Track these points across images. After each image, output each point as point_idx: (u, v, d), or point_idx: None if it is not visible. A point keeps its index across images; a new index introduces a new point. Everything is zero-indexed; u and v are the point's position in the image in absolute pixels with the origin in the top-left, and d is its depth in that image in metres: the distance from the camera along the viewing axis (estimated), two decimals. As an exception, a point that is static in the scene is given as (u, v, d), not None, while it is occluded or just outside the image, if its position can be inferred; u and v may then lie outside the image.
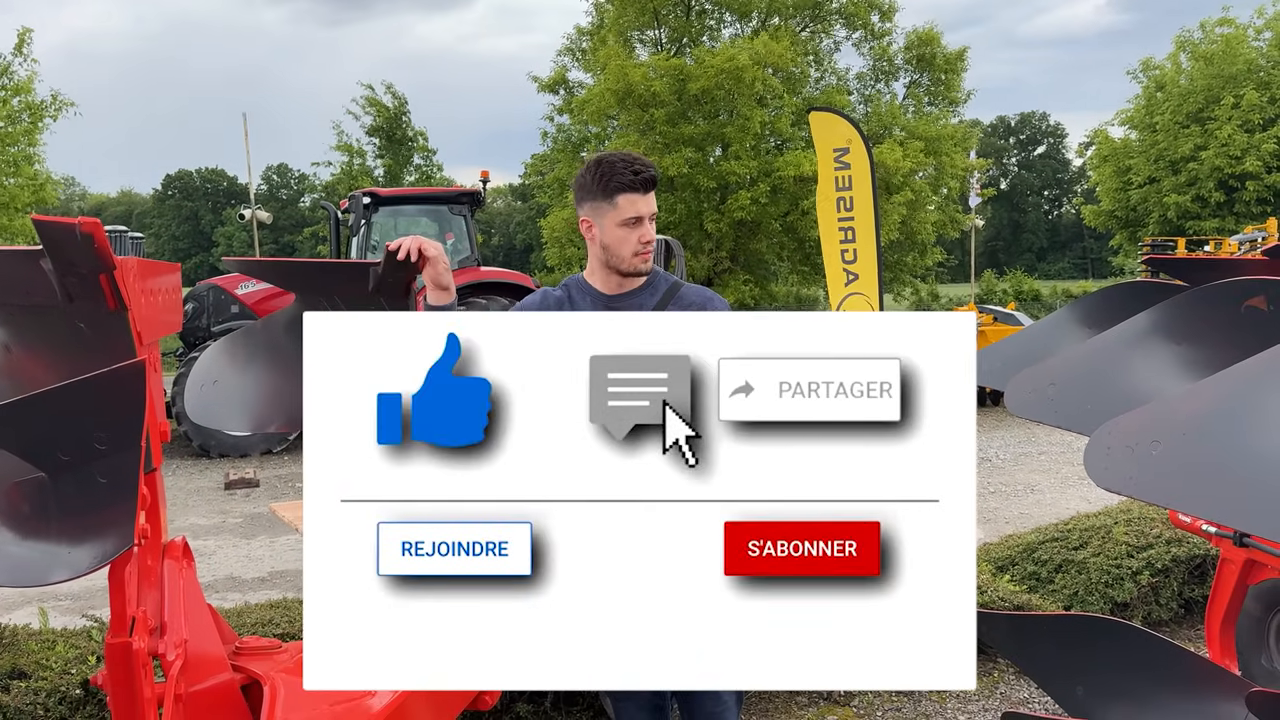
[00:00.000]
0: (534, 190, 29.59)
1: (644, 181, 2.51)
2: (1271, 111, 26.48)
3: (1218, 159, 26.50)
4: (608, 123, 21.79)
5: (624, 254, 2.56)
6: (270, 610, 4.01)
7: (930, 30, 22.86)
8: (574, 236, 22.34)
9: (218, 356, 2.89)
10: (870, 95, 23.54)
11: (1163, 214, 27.72)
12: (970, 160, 23.24)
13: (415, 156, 28.48)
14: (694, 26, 22.70)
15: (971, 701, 4.13)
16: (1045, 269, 70.50)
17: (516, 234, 69.89)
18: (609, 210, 2.53)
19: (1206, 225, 26.31)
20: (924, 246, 22.05)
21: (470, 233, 13.27)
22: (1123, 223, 30.00)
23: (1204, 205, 27.11)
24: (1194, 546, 4.81)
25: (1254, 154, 26.10)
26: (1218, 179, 26.76)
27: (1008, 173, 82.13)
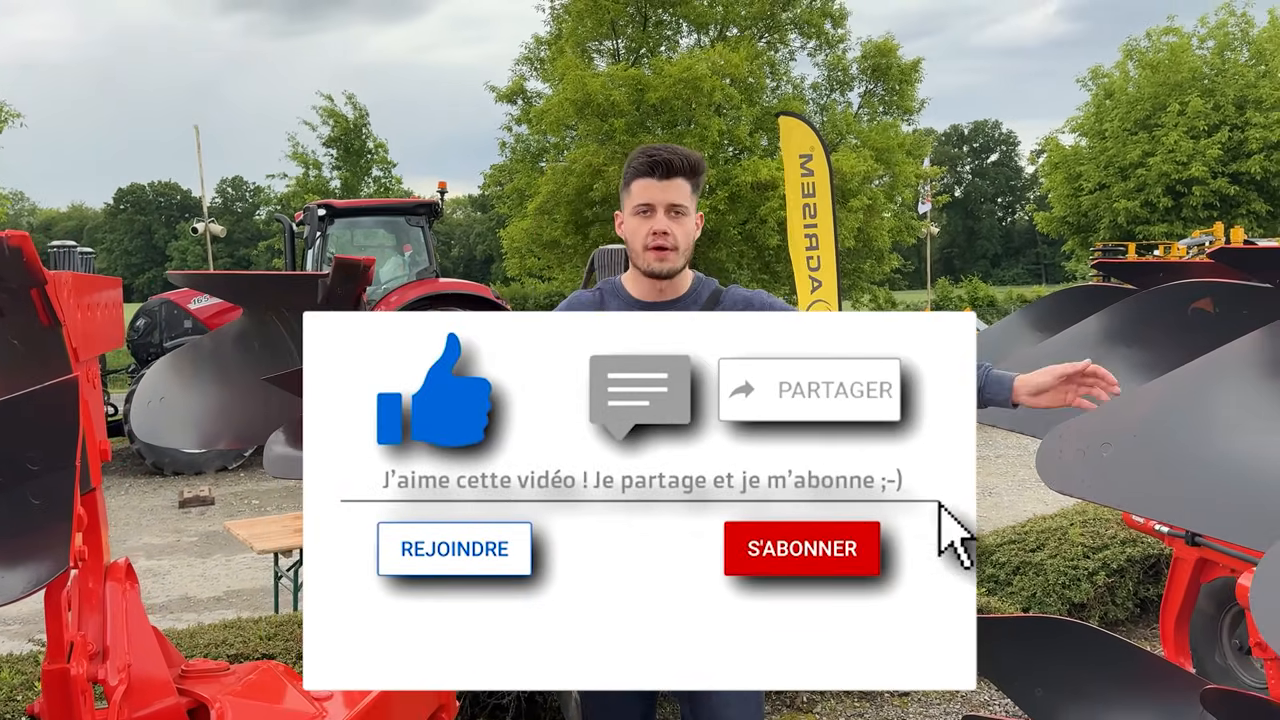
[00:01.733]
0: (493, 201, 29.47)
1: (657, 165, 2.25)
2: (1216, 118, 27.09)
3: (1165, 165, 27.05)
4: (566, 133, 21.78)
5: (636, 247, 2.30)
6: (224, 631, 3.92)
7: (887, 41, 23.13)
8: (534, 247, 22.28)
9: (164, 373, 2.83)
10: (826, 104, 23.75)
11: (1113, 219, 28.23)
12: (924, 168, 23.52)
13: (374, 168, 28.26)
14: (651, 37, 22.78)
15: (933, 705, 4.15)
16: (1000, 275, 71.50)
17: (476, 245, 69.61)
18: (626, 199, 2.32)
19: (1155, 230, 26.82)
20: (880, 253, 22.25)
21: (429, 244, 13.19)
22: (1074, 228, 30.50)
23: (1153, 210, 27.65)
24: (1148, 546, 4.87)
25: (1200, 160, 26.68)
26: (1165, 184, 27.31)
27: (962, 180, 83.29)
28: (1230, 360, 1.80)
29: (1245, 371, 1.75)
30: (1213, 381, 1.75)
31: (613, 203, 20.49)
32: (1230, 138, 26.75)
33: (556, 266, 22.72)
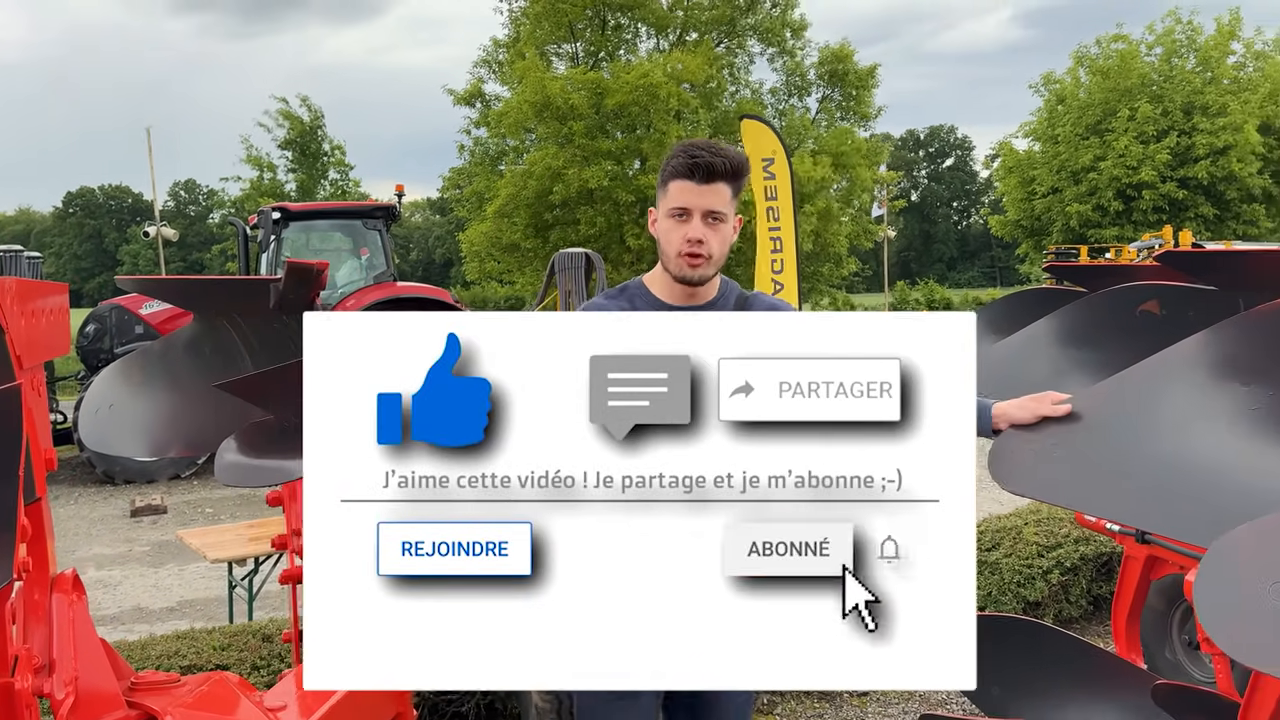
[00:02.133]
0: (452, 204, 29.31)
1: (698, 168, 2.12)
2: (1164, 123, 27.67)
3: (1116, 169, 27.57)
4: (525, 136, 21.73)
5: (668, 251, 2.20)
6: (177, 641, 3.85)
7: (844, 47, 23.34)
8: (494, 251, 22.18)
9: (113, 380, 2.78)
10: (784, 109, 23.92)
11: (1065, 223, 28.72)
12: (881, 173, 23.78)
13: (331, 171, 27.99)
14: (610, 40, 22.80)
15: (891, 704, 4.18)
16: (955, 278, 72.39)
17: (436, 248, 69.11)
18: (662, 199, 2.21)
19: (1107, 233, 27.33)
20: (839, 257, 22.44)
21: (386, 248, 13.06)
22: (1028, 232, 30.99)
23: (1104, 214, 28.17)
24: (1101, 545, 4.95)
25: (1149, 164, 27.23)
26: (1116, 188, 27.84)
27: (918, 185, 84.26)
28: (1176, 361, 1.84)
29: (1190, 372, 1.79)
30: (1159, 382, 1.78)
31: (572, 206, 20.57)
32: (1178, 143, 27.34)
33: (517, 270, 22.64)
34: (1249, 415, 1.67)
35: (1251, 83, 27.86)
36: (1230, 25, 28.56)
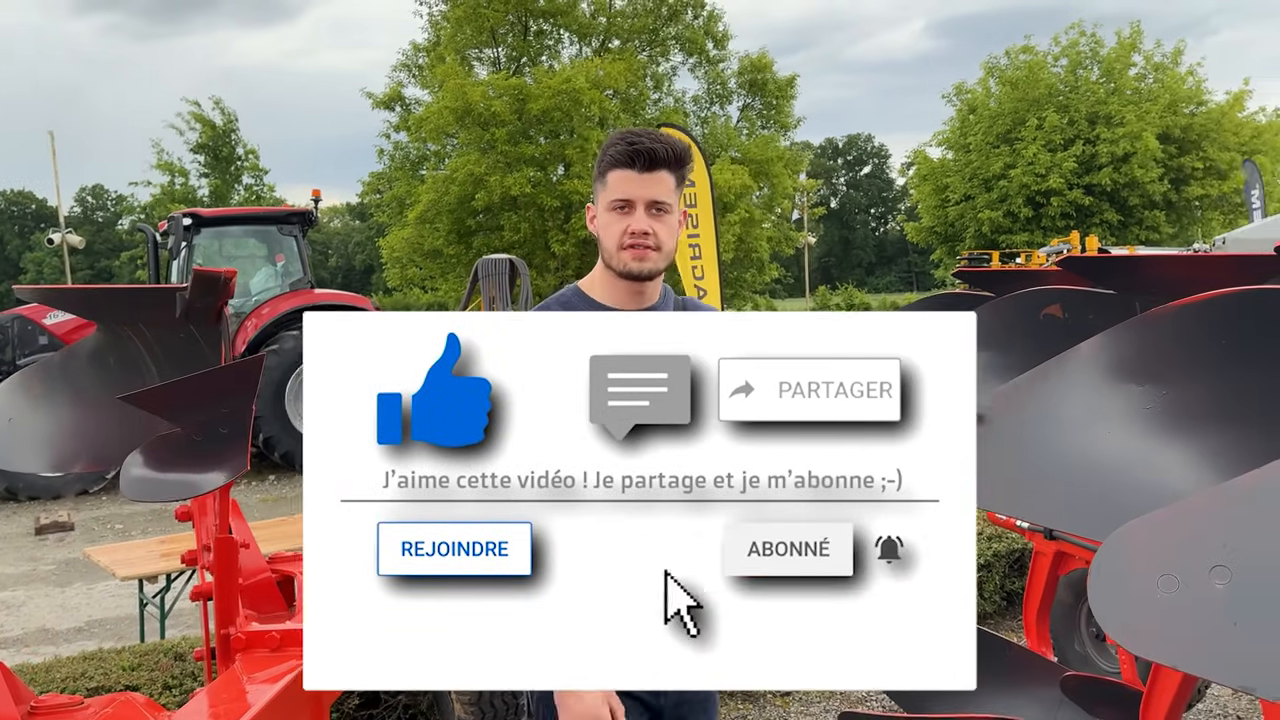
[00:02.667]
0: (372, 209, 28.88)
1: (639, 156, 1.99)
2: (1071, 132, 28.66)
3: (1025, 177, 28.46)
4: (447, 141, 21.52)
5: (609, 245, 2.05)
6: (84, 663, 3.71)
7: (763, 56, 23.65)
8: (415, 257, 21.91)
9: (12, 393, 2.68)
10: (706, 117, 24.14)
11: (978, 229, 29.53)
12: (801, 181, 24.16)
13: (245, 175, 27.34)
14: (532, 46, 22.73)
15: (813, 704, 4.24)
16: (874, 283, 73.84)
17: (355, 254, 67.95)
18: (601, 191, 2.07)
19: (1017, 239, 28.18)
20: (761, 263, 22.72)
21: (302, 254, 12.82)
22: (942, 238, 31.79)
23: (1014, 220, 29.04)
24: (1012, 542, 5.10)
25: (1057, 172, 28.16)
26: (1026, 195, 28.73)
27: (837, 192, 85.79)
28: (1076, 363, 1.91)
29: (1090, 374, 1.86)
30: (1061, 384, 1.84)
31: (495, 212, 20.44)
32: (1084, 151, 28.34)
33: (439, 276, 22.40)
34: (1144, 415, 1.74)
35: (1152, 93, 29.02)
36: (1131, 38, 29.73)
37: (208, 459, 2.16)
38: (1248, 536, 1.07)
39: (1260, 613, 1.03)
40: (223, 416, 2.15)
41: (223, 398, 2.16)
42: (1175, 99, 28.75)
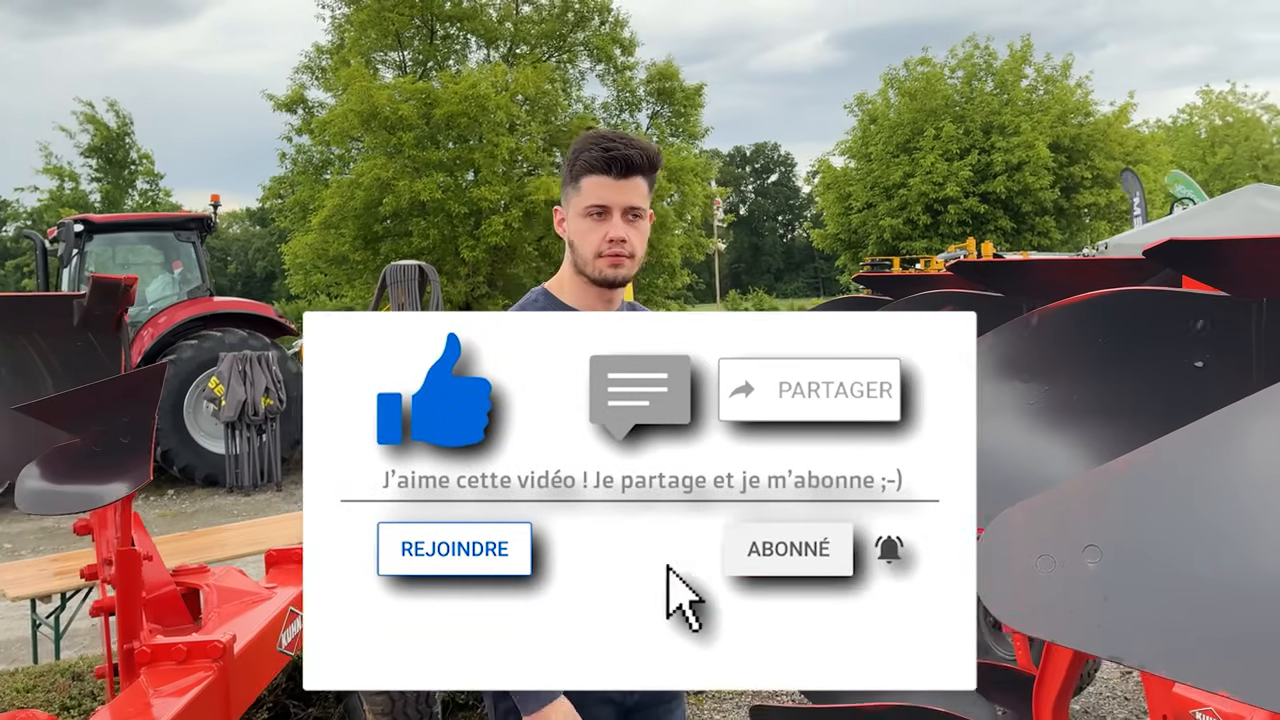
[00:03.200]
0: (273, 214, 28.18)
1: (615, 162, 1.98)
2: (966, 142, 29.66)
3: (924, 185, 29.34)
4: (352, 145, 21.14)
5: (585, 253, 2.05)
6: (-30, 688, 3.56)
7: (669, 65, 23.87)
8: (319, 263, 21.44)
9: (-106, 405, 2.56)
10: (616, 125, 24.24)
11: (880, 236, 30.34)
12: (711, 188, 24.45)
13: (139, 180, 26.40)
14: (439, 50, 22.50)
15: (726, 700, 4.32)
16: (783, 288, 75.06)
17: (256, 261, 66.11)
18: (574, 196, 2.05)
19: (917, 245, 29.03)
20: (672, 269, 22.91)
21: (201, 261, 12.47)
22: (846, 244, 32.55)
23: (914, 227, 29.92)
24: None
25: (954, 180, 29.11)
26: (924, 203, 29.63)
27: (746, 199, 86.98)
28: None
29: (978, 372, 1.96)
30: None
31: (403, 217, 20.16)
32: (979, 160, 29.36)
33: (345, 283, 21.97)
34: (1028, 409, 1.85)
35: (1043, 104, 30.23)
36: (1023, 51, 30.93)
37: (109, 469, 2.12)
38: (1116, 518, 1.16)
39: (1127, 588, 1.12)
40: (124, 426, 2.11)
41: (124, 407, 2.12)
42: (1065, 110, 30.01)
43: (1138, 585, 1.11)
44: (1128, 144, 30.01)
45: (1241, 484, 1.11)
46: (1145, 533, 1.14)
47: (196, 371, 11.52)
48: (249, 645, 2.22)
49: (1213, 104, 40.48)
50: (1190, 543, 1.10)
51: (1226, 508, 1.10)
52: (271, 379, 11.42)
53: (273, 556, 2.82)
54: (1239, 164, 37.83)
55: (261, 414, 11.29)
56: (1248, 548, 1.06)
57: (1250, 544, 1.06)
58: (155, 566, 2.67)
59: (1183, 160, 36.43)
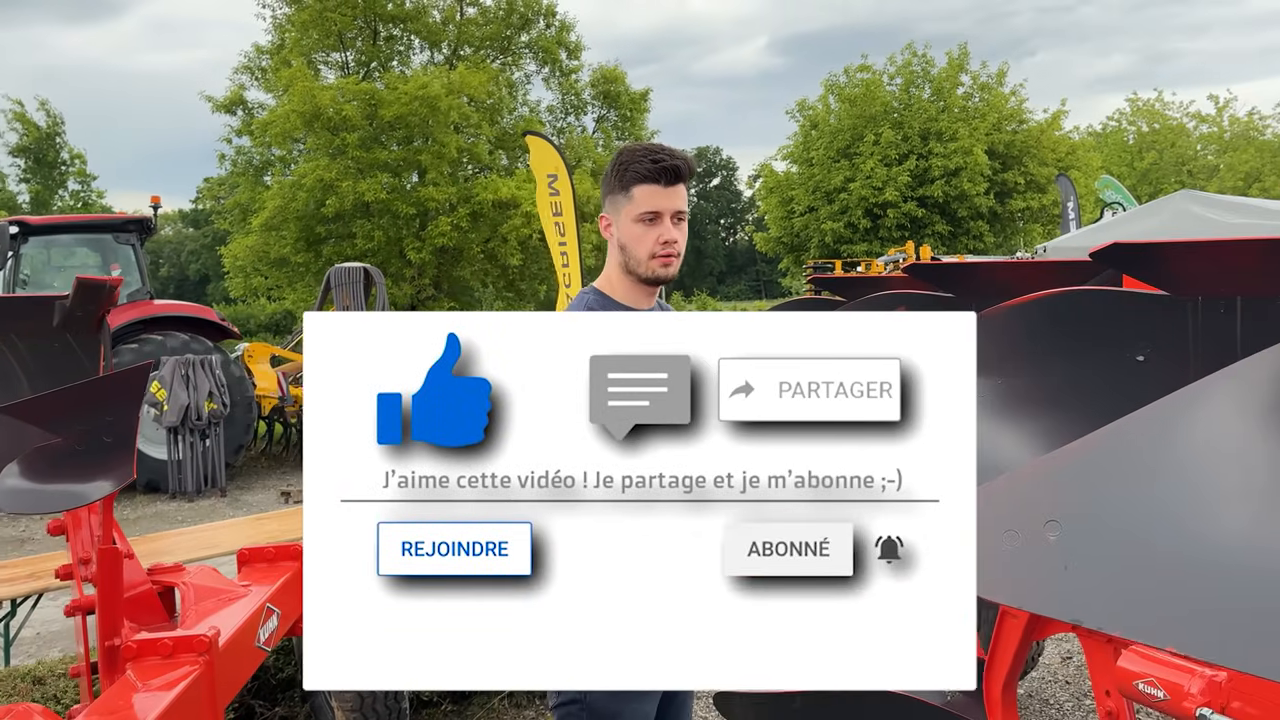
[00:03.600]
0: (211, 216, 27.66)
1: (664, 171, 2.21)
2: (905, 148, 30.21)
3: (864, 190, 29.83)
4: (293, 146, 20.87)
5: (640, 255, 2.25)
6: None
7: (615, 69, 23.96)
8: (260, 265, 21.12)
9: None
10: (562, 128, 24.26)
11: (821, 239, 30.76)
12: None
13: (70, 181, 25.73)
14: (382, 52, 22.32)
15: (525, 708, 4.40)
16: (725, 291, 75.55)
17: (189, 263, 64.65)
18: (625, 204, 2.26)
19: (857, 248, 29.49)
20: (617, 271, 22.98)
21: (140, 264, 12.24)
22: (788, 248, 32.94)
23: (855, 231, 30.39)
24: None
25: (893, 185, 29.64)
26: (864, 208, 30.12)
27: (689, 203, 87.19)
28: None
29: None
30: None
31: (347, 219, 19.94)
32: (917, 165, 29.93)
33: (287, 286, 21.66)
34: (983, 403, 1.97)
35: (979, 111, 30.92)
36: (959, 59, 31.61)
37: (92, 468, 2.14)
38: (1073, 495, 1.28)
39: (1085, 558, 1.24)
40: (107, 426, 2.13)
41: (107, 407, 2.14)
42: (1000, 117, 30.73)
43: (1094, 555, 1.23)
44: (1059, 150, 30.85)
45: (1187, 462, 1.23)
46: (1100, 507, 1.27)
47: (137, 376, 11.31)
48: (230, 640, 2.26)
49: (1140, 111, 41.79)
50: (1141, 516, 1.22)
51: (1174, 484, 1.23)
52: (215, 383, 11.26)
53: (244, 555, 2.85)
54: (1165, 169, 39.13)
55: (205, 418, 11.13)
56: (1193, 519, 1.19)
57: (1195, 516, 1.19)
58: (132, 565, 2.68)
59: (1111, 166, 37.57)
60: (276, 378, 12.94)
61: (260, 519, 6.34)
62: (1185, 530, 1.18)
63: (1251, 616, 1.08)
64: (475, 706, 4.23)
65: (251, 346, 13.62)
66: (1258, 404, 1.19)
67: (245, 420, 11.90)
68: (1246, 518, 1.14)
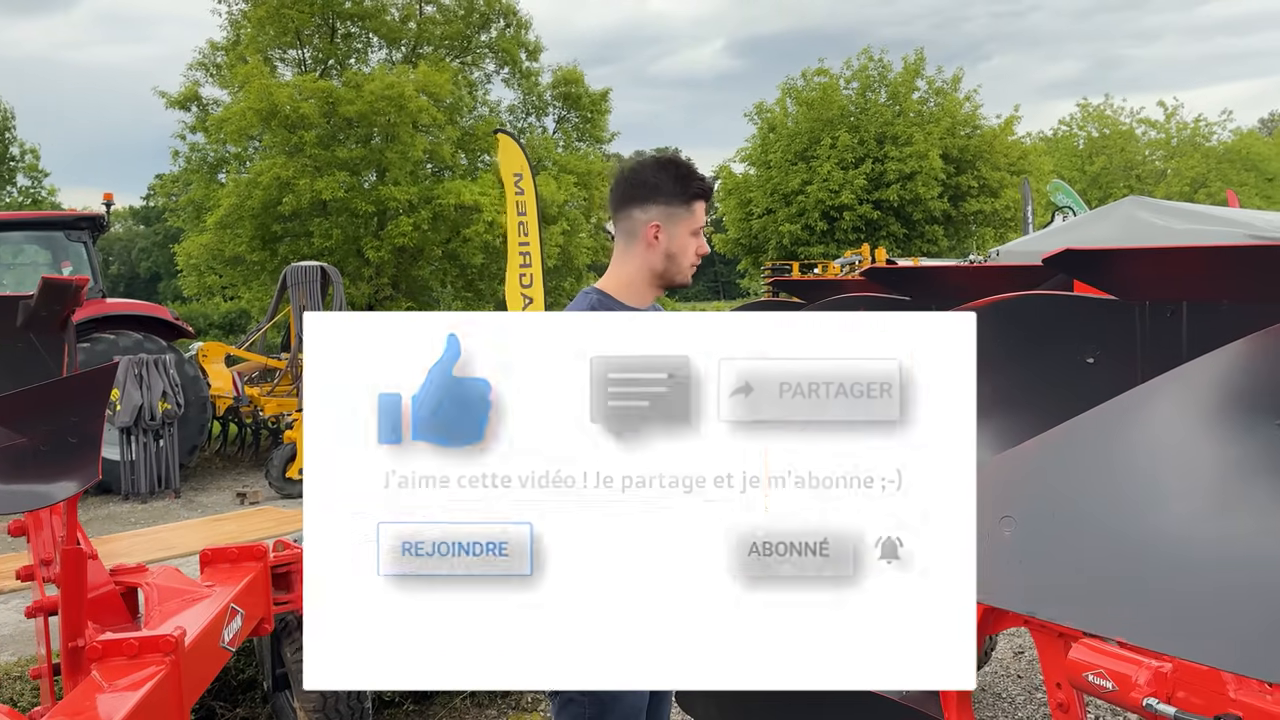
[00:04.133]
0: (164, 213, 27.21)
1: (708, 192, 2.45)
2: (861, 151, 30.54)
3: (820, 192, 30.10)
4: (249, 143, 20.60)
5: (684, 264, 2.45)
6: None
7: (574, 70, 23.95)
8: (214, 264, 20.83)
9: None
10: (523, 129, 24.20)
11: (779, 241, 30.99)
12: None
13: (20, 176, 25.18)
14: (340, 49, 22.11)
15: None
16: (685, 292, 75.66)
17: (140, 261, 63.46)
18: (685, 217, 2.41)
19: (814, 250, 29.75)
20: (580, 272, 22.99)
21: (93, 261, 12.04)
22: (747, 249, 33.14)
23: (811, 233, 30.65)
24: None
25: (849, 188, 29.94)
26: (821, 210, 30.38)
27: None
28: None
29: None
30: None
31: (304, 217, 19.71)
32: (873, 169, 30.26)
33: (242, 284, 21.38)
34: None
35: (934, 116, 31.34)
36: (915, 64, 32.00)
37: (57, 469, 2.13)
38: (1026, 493, 1.34)
39: (1037, 553, 1.30)
40: (72, 426, 2.12)
41: (71, 407, 2.14)
42: (955, 122, 31.16)
43: (1047, 550, 1.29)
44: (1012, 154, 31.36)
45: (1135, 460, 1.30)
46: (1053, 505, 1.33)
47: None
48: (195, 641, 2.25)
49: (1090, 116, 42.58)
50: (1091, 512, 1.28)
51: (1122, 481, 1.29)
52: (169, 382, 11.10)
53: (207, 556, 2.84)
54: (1114, 174, 39.93)
55: (159, 419, 10.96)
56: (1140, 515, 1.25)
57: (1142, 512, 1.25)
58: (95, 566, 2.66)
59: (1062, 170, 38.25)
60: (231, 377, 12.78)
61: (218, 519, 6.30)
62: (1133, 525, 1.24)
63: (1196, 607, 1.14)
64: (438, 706, 4.24)
65: (206, 346, 13.44)
66: (1202, 405, 1.26)
67: (199, 420, 11.74)
68: (1191, 513, 1.20)
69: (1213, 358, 1.25)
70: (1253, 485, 1.19)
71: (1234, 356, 1.25)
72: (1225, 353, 1.25)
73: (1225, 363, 1.25)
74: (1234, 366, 1.25)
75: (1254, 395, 1.23)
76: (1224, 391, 1.25)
